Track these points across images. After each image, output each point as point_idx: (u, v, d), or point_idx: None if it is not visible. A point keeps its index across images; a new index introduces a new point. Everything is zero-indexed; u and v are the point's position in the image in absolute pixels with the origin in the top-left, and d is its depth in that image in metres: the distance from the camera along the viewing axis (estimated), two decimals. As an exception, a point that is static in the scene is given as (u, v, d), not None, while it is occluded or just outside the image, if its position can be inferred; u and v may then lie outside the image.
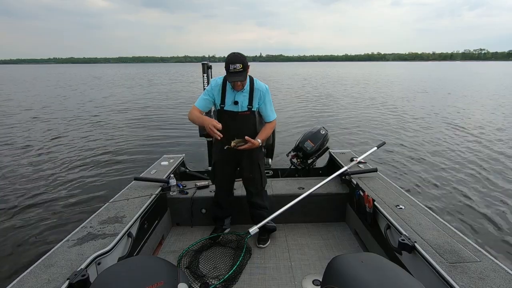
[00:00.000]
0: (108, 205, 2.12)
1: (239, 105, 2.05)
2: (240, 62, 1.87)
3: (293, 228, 2.59)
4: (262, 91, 2.07)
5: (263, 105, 2.10)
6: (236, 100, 2.04)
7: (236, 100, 2.04)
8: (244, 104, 2.06)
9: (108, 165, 5.59)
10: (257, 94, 2.06)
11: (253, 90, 2.05)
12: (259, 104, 2.09)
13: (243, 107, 2.06)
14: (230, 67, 1.87)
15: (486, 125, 8.63)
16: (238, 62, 1.86)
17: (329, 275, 1.03)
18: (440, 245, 1.55)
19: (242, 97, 2.05)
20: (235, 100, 2.04)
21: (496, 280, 1.28)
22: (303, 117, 10.07)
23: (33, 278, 1.35)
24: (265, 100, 2.09)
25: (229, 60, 1.88)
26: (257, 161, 2.22)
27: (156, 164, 3.00)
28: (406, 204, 2.04)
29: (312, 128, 3.22)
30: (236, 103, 2.04)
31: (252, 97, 2.06)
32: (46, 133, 8.06)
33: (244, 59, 1.90)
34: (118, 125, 9.12)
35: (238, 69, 1.87)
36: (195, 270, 2.01)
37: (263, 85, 2.09)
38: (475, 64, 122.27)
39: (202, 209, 2.59)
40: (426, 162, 5.57)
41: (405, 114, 10.58)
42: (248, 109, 2.07)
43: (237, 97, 2.04)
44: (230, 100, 2.05)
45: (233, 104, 2.05)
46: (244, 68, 1.88)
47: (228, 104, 2.06)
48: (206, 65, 3.14)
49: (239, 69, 1.87)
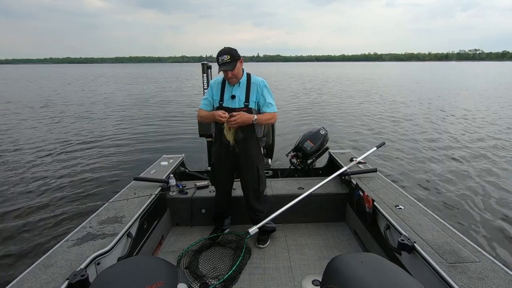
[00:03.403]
0: (108, 205, 2.12)
1: (236, 100, 2.08)
2: (227, 54, 1.95)
3: (293, 228, 2.59)
4: (259, 85, 2.10)
5: (262, 98, 2.11)
6: (233, 94, 2.08)
7: (233, 94, 2.08)
8: (241, 99, 2.08)
9: (108, 165, 5.58)
10: (254, 89, 2.09)
11: (249, 85, 2.09)
12: (257, 98, 2.10)
13: (240, 103, 2.08)
14: (218, 59, 1.97)
15: (487, 126, 8.64)
16: (225, 54, 1.96)
17: (329, 275, 1.03)
18: (439, 245, 1.55)
19: (239, 92, 2.08)
20: (232, 94, 2.08)
21: (496, 280, 1.29)
22: (303, 117, 10.07)
23: (32, 278, 1.34)
24: (263, 93, 2.11)
25: (218, 54, 1.99)
26: (256, 164, 2.19)
27: (156, 164, 2.99)
28: (405, 204, 2.04)
29: (312, 128, 3.22)
30: (234, 97, 2.08)
31: (249, 91, 2.08)
32: (45, 133, 8.05)
33: (232, 51, 1.98)
34: (118, 125, 9.12)
35: (226, 60, 1.95)
36: (195, 270, 2.01)
37: (259, 80, 2.13)
38: (470, 65, 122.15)
39: (202, 209, 2.58)
40: (425, 162, 5.58)
41: (405, 114, 10.59)
42: (245, 106, 2.08)
43: (234, 91, 2.08)
44: (228, 95, 2.09)
45: (231, 98, 2.08)
46: (232, 59, 1.95)
47: (226, 99, 2.10)
48: (205, 65, 3.14)
49: (227, 60, 1.95)
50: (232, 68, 1.97)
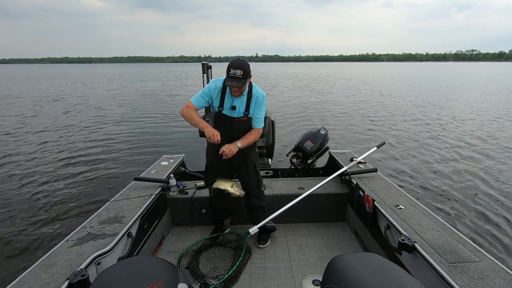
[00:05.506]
0: (108, 205, 2.12)
1: (236, 110, 2.04)
2: (242, 69, 1.84)
3: (293, 228, 2.59)
4: (259, 98, 2.05)
5: (256, 111, 2.07)
6: (234, 105, 2.02)
7: (234, 105, 2.02)
8: (241, 110, 2.04)
9: (108, 165, 5.59)
10: (254, 101, 2.05)
11: (251, 96, 2.04)
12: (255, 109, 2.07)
13: (240, 113, 2.05)
14: (230, 71, 1.84)
15: (487, 126, 8.64)
16: (240, 68, 1.83)
17: (329, 275, 1.03)
18: (440, 245, 1.55)
19: (240, 103, 2.03)
20: (233, 105, 2.02)
21: (496, 280, 1.29)
22: (303, 117, 10.07)
23: (33, 278, 1.35)
24: (259, 107, 2.07)
25: (231, 64, 1.85)
26: (253, 162, 2.19)
27: (156, 164, 2.99)
28: (406, 204, 2.04)
29: (312, 128, 3.22)
30: (234, 108, 2.03)
31: (250, 103, 2.04)
32: (45, 133, 8.06)
33: (247, 67, 1.87)
34: (118, 125, 9.12)
35: (238, 75, 1.83)
36: (195, 270, 2.01)
37: (261, 92, 2.06)
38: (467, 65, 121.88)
39: (202, 209, 2.59)
40: (426, 162, 5.57)
41: (405, 114, 10.59)
42: (245, 115, 2.05)
43: (235, 102, 2.02)
44: (228, 105, 2.04)
45: (231, 109, 2.03)
46: (244, 76, 1.85)
47: (226, 108, 2.05)
48: (206, 65, 3.15)
49: (239, 75, 1.83)
50: (241, 86, 1.88)
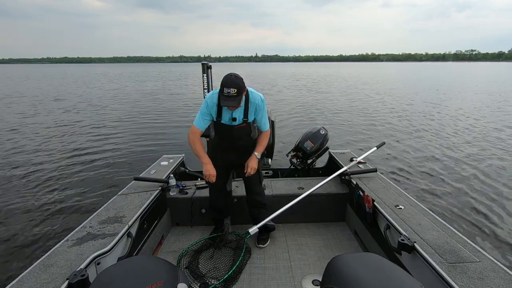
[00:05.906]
0: (108, 205, 2.12)
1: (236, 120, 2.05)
2: (236, 86, 1.79)
3: (293, 228, 2.59)
4: (258, 103, 2.03)
5: (259, 116, 2.08)
6: (234, 117, 2.03)
7: (234, 117, 2.03)
8: (240, 118, 2.04)
9: (108, 165, 5.58)
10: (253, 108, 2.03)
11: (248, 103, 2.02)
12: (255, 114, 2.07)
13: (239, 121, 2.05)
14: (224, 90, 1.80)
15: (487, 126, 8.64)
16: (233, 87, 1.78)
17: (329, 275, 1.03)
18: (439, 245, 1.55)
19: (238, 113, 2.03)
20: (232, 117, 2.02)
21: (496, 280, 1.29)
22: (303, 117, 10.07)
23: (32, 278, 1.35)
24: (261, 112, 2.06)
25: (224, 83, 1.81)
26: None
27: (156, 164, 2.99)
28: (405, 204, 2.04)
29: (312, 128, 3.22)
30: (234, 119, 2.03)
31: (248, 110, 2.03)
32: (45, 133, 8.05)
33: (240, 83, 1.82)
34: (118, 125, 9.11)
35: (232, 94, 1.79)
36: (195, 270, 2.01)
37: (258, 97, 2.03)
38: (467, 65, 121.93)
39: (202, 209, 2.59)
40: (426, 162, 5.57)
41: (404, 114, 10.59)
42: (244, 122, 2.05)
43: (234, 113, 2.02)
44: (227, 117, 2.03)
45: (231, 120, 2.04)
46: (239, 93, 1.81)
47: (224, 119, 2.04)
48: (206, 65, 3.14)
49: (233, 94, 1.79)
50: (237, 104, 1.86)
